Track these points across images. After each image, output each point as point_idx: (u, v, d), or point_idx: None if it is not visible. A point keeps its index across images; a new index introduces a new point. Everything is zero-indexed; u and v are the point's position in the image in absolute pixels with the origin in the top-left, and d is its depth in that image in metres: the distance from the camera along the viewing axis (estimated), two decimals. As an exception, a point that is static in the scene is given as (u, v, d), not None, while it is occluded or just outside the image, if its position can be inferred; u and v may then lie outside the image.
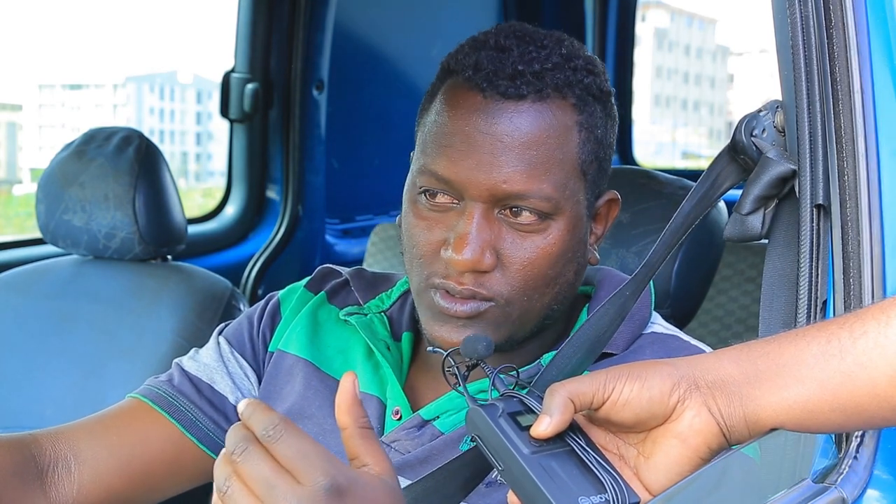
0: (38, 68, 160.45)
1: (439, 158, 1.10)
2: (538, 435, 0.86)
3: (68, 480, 1.22)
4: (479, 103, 1.09)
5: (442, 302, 1.11)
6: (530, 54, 1.10)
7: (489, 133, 1.08)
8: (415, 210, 1.14)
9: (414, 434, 1.17)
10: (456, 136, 1.09)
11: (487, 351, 0.97)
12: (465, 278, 1.10)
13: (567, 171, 1.10)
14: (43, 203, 2.03)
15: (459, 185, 1.09)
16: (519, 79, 1.08)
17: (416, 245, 1.13)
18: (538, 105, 1.09)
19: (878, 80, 1.03)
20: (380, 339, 1.24)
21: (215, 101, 2.83)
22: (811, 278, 1.02)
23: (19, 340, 2.01)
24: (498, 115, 1.08)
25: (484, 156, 1.08)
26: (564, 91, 1.10)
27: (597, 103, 1.14)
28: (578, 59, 1.13)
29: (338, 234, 3.00)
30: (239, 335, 1.33)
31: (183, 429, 1.27)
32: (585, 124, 1.12)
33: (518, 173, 1.08)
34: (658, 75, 79.58)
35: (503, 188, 1.08)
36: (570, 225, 1.12)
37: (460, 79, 1.11)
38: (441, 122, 1.11)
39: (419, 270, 1.13)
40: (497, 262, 1.10)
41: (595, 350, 1.03)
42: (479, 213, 1.09)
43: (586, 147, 1.12)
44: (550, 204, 1.09)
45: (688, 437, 0.86)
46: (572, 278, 1.15)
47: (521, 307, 1.12)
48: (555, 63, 1.11)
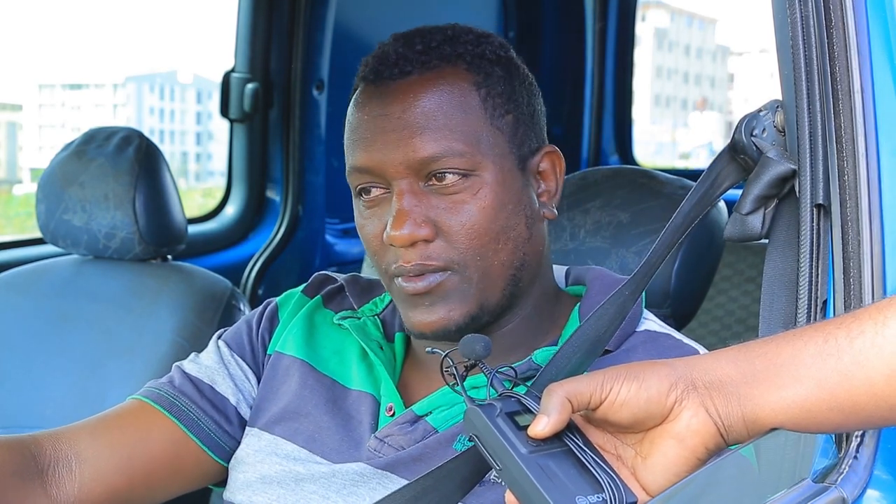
0: (38, 68, 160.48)
1: (354, 153, 1.17)
2: (536, 435, 0.87)
3: (69, 479, 1.22)
4: (372, 92, 1.17)
5: (405, 284, 1.14)
6: (412, 40, 1.17)
7: (386, 113, 1.14)
8: (359, 213, 1.19)
9: (407, 429, 1.18)
10: (361, 128, 1.16)
11: (485, 351, 0.97)
12: (410, 254, 1.13)
13: (475, 126, 1.14)
14: (43, 203, 2.03)
15: (378, 168, 1.14)
16: (402, 60, 1.16)
17: (367, 242, 1.18)
18: (427, 75, 1.15)
19: (878, 79, 1.02)
20: (373, 340, 1.26)
21: (215, 100, 2.83)
22: (811, 278, 1.02)
23: (19, 340, 2.01)
24: (390, 95, 1.15)
25: (389, 134, 1.13)
26: (453, 60, 1.16)
27: (494, 65, 1.18)
28: (467, 34, 1.19)
29: (338, 234, 3.00)
30: (238, 339, 1.34)
31: (185, 428, 1.27)
32: (484, 83, 1.16)
33: (425, 139, 1.12)
34: (658, 75, 79.57)
35: (415, 157, 1.12)
36: (498, 177, 1.14)
37: (359, 83, 1.20)
38: (350, 122, 1.19)
39: (380, 269, 1.18)
40: (436, 231, 1.13)
41: (595, 350, 1.03)
42: (406, 189, 1.13)
43: (490, 102, 1.16)
44: (466, 159, 1.13)
45: (685, 438, 0.86)
46: (525, 232, 1.17)
47: (478, 268, 1.14)
48: (439, 40, 1.17)
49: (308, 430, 1.23)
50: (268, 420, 1.26)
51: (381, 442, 1.18)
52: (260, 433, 1.26)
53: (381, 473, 1.16)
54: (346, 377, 1.26)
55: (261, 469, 1.23)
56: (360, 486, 1.16)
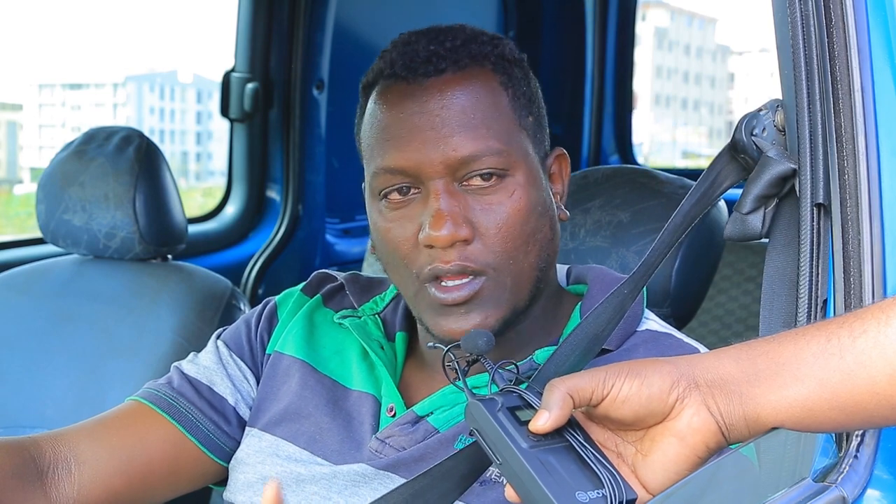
0: (38, 68, 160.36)
1: (387, 154, 1.13)
2: (536, 430, 0.87)
3: (69, 481, 1.22)
4: (405, 90, 1.14)
5: (439, 294, 1.12)
6: (438, 38, 1.16)
7: (424, 112, 1.12)
8: (381, 217, 1.15)
9: (408, 430, 1.18)
10: (395, 127, 1.13)
11: (488, 346, 0.98)
12: (450, 254, 1.11)
13: (507, 126, 1.14)
14: (43, 203, 2.03)
15: (414, 169, 1.12)
16: (434, 57, 1.14)
17: (396, 246, 1.14)
18: (460, 74, 1.14)
19: (879, 78, 1.02)
20: (373, 340, 1.25)
21: (215, 100, 2.83)
22: (811, 277, 1.02)
23: (20, 340, 2.01)
24: (426, 93, 1.13)
25: (427, 133, 1.11)
26: (480, 59, 1.15)
27: (514, 66, 1.18)
28: (483, 36, 1.19)
29: (338, 234, 3.00)
30: (237, 339, 1.34)
31: (183, 430, 1.27)
32: (509, 84, 1.16)
33: (463, 138, 1.11)
34: (658, 75, 79.56)
35: (454, 156, 1.11)
36: (529, 178, 1.14)
37: (382, 81, 1.16)
38: (378, 122, 1.15)
39: (407, 272, 1.14)
40: (473, 231, 1.12)
41: (593, 348, 1.03)
42: (443, 189, 1.12)
43: (517, 103, 1.16)
44: (503, 158, 1.12)
45: (686, 436, 0.87)
46: (549, 234, 1.17)
47: (511, 272, 1.13)
48: (463, 40, 1.16)
49: (309, 431, 1.23)
50: (268, 421, 1.26)
51: (382, 443, 1.18)
52: (260, 434, 1.26)
53: (382, 474, 1.16)
54: (346, 377, 1.26)
55: (262, 470, 1.23)
56: (362, 486, 1.16)
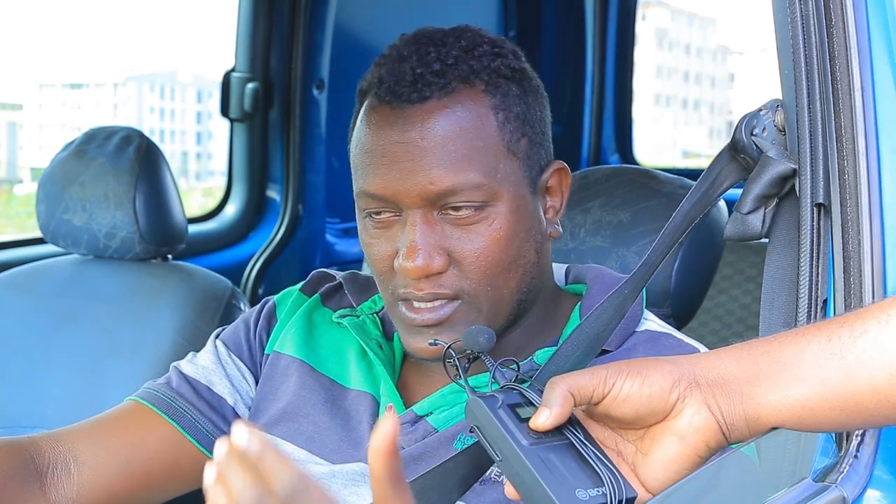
0: (38, 67, 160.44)
1: (367, 177, 1.13)
2: (537, 427, 0.87)
3: (68, 482, 1.22)
4: (388, 115, 1.12)
5: (410, 314, 1.13)
6: (429, 55, 1.12)
7: (404, 141, 1.10)
8: (365, 231, 1.16)
9: (407, 430, 1.18)
10: (376, 153, 1.12)
11: (489, 343, 0.98)
12: (422, 284, 1.11)
13: (493, 156, 1.12)
14: (43, 202, 2.03)
15: (392, 197, 1.11)
16: (419, 81, 1.11)
17: (374, 263, 1.15)
18: (445, 100, 1.11)
19: (879, 78, 1.03)
20: (372, 339, 1.25)
21: (215, 100, 2.83)
22: (811, 277, 1.02)
23: (20, 340, 2.01)
24: (408, 121, 1.11)
25: (405, 164, 1.10)
26: (470, 79, 1.12)
27: (510, 82, 1.15)
28: (482, 45, 1.15)
29: (338, 234, 3.00)
30: (236, 338, 1.33)
31: (182, 430, 1.27)
32: (501, 106, 1.13)
33: (442, 171, 1.09)
34: (658, 74, 79.54)
35: (431, 189, 1.10)
36: (512, 206, 1.13)
37: (370, 97, 1.15)
38: (361, 143, 1.14)
39: (383, 287, 1.16)
40: (449, 260, 1.11)
41: (594, 348, 1.03)
42: (420, 219, 1.11)
43: (507, 127, 1.13)
44: (483, 191, 1.11)
45: (687, 435, 0.87)
46: (534, 257, 1.16)
47: (487, 298, 1.13)
48: (455, 56, 1.13)
49: (307, 430, 1.23)
50: (267, 421, 1.26)
51: (381, 442, 1.18)
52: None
53: (381, 473, 1.16)
54: (344, 377, 1.26)
55: (261, 468, 1.23)
56: (361, 485, 1.16)
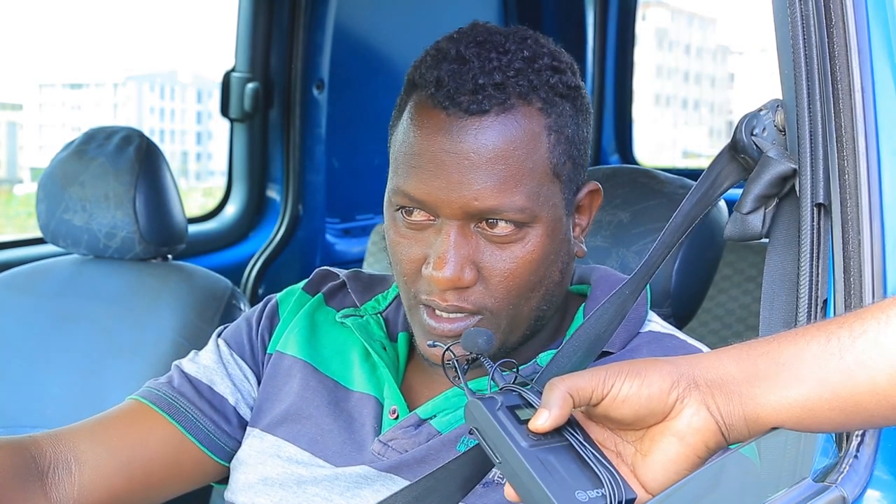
0: (38, 67, 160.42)
1: (410, 179, 1.10)
2: (536, 429, 0.87)
3: (69, 481, 1.22)
4: (443, 122, 1.09)
5: (430, 321, 1.12)
6: (491, 63, 1.09)
7: (455, 152, 1.08)
8: (394, 227, 1.14)
9: (411, 433, 1.17)
10: (424, 157, 1.09)
11: (488, 345, 0.97)
12: (448, 295, 1.10)
13: (539, 179, 1.10)
14: (43, 202, 2.03)
15: (432, 204, 1.09)
16: (480, 93, 1.08)
17: (400, 263, 1.14)
18: (502, 117, 1.08)
19: (879, 78, 1.02)
20: (376, 340, 1.24)
21: (216, 100, 2.83)
22: (812, 277, 1.02)
23: (20, 340, 2.01)
24: (462, 132, 1.08)
25: (453, 175, 1.08)
26: (529, 97, 1.10)
27: (565, 101, 1.13)
28: (543, 57, 1.12)
29: (338, 234, 3.00)
30: (238, 337, 1.33)
31: (183, 430, 1.27)
32: (554, 127, 1.11)
33: (488, 189, 1.08)
34: (658, 74, 79.51)
35: (475, 205, 1.08)
36: (548, 230, 1.11)
37: (424, 95, 1.11)
38: (408, 142, 1.11)
39: (405, 288, 1.15)
40: (478, 275, 1.10)
41: (594, 349, 1.03)
42: (456, 230, 1.09)
43: (557, 149, 1.11)
44: (525, 214, 1.09)
45: (686, 436, 0.86)
46: (558, 277, 1.16)
47: (508, 315, 1.13)
48: (517, 69, 1.10)
49: (310, 432, 1.22)
50: (269, 421, 1.26)
51: (384, 445, 1.18)
52: (262, 434, 1.26)
53: (384, 475, 1.16)
54: (348, 378, 1.25)
55: (262, 471, 1.23)
56: (364, 487, 1.16)
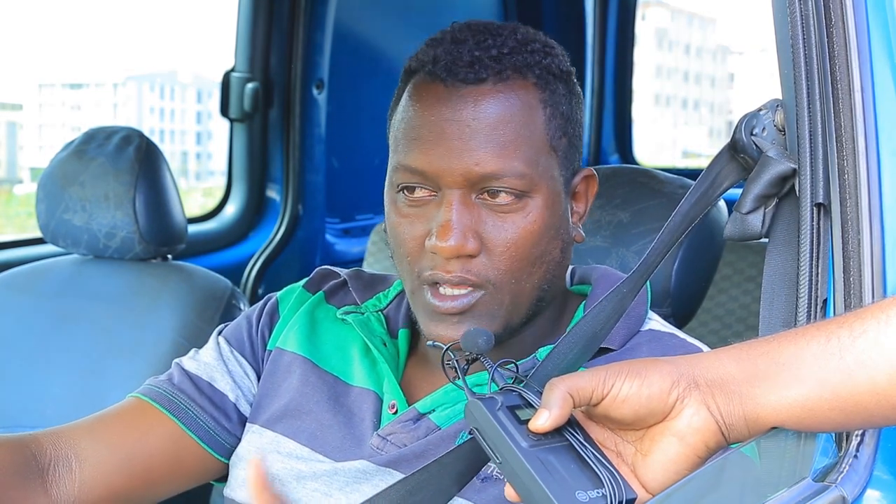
0: (38, 67, 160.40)
1: (411, 152, 1.12)
2: (536, 429, 0.87)
3: (69, 479, 1.22)
4: (441, 92, 1.12)
5: (434, 301, 1.12)
6: (486, 42, 1.13)
7: (455, 120, 1.11)
8: (396, 210, 1.15)
9: (410, 427, 1.18)
10: (424, 128, 1.12)
11: (487, 345, 0.98)
12: (452, 265, 1.11)
13: (537, 148, 1.12)
14: (43, 202, 2.03)
15: (434, 174, 1.11)
16: (477, 64, 1.11)
17: (402, 242, 1.15)
18: (500, 86, 1.12)
19: (879, 78, 1.02)
20: (376, 336, 1.25)
21: (215, 100, 2.83)
22: (811, 277, 1.02)
23: (20, 340, 2.01)
24: (461, 101, 1.11)
25: (453, 142, 1.10)
26: (524, 71, 1.13)
27: (558, 81, 1.16)
28: (535, 42, 1.16)
29: (338, 234, 3.00)
30: (238, 335, 1.34)
31: (184, 426, 1.27)
32: (549, 101, 1.14)
33: (488, 154, 1.10)
34: (658, 74, 79.53)
35: (476, 171, 1.10)
36: (548, 201, 1.13)
37: (422, 74, 1.15)
38: (408, 118, 1.14)
39: (409, 269, 1.15)
40: (481, 245, 1.11)
41: (592, 346, 1.03)
42: (458, 200, 1.11)
43: (552, 123, 1.14)
44: (524, 181, 1.11)
45: (686, 436, 0.87)
46: (559, 256, 1.17)
47: (510, 290, 1.13)
48: (511, 47, 1.14)
49: (310, 427, 1.23)
50: (269, 417, 1.26)
51: (383, 440, 1.18)
52: (261, 430, 1.26)
53: (383, 470, 1.16)
54: (347, 374, 1.26)
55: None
56: (363, 482, 1.16)
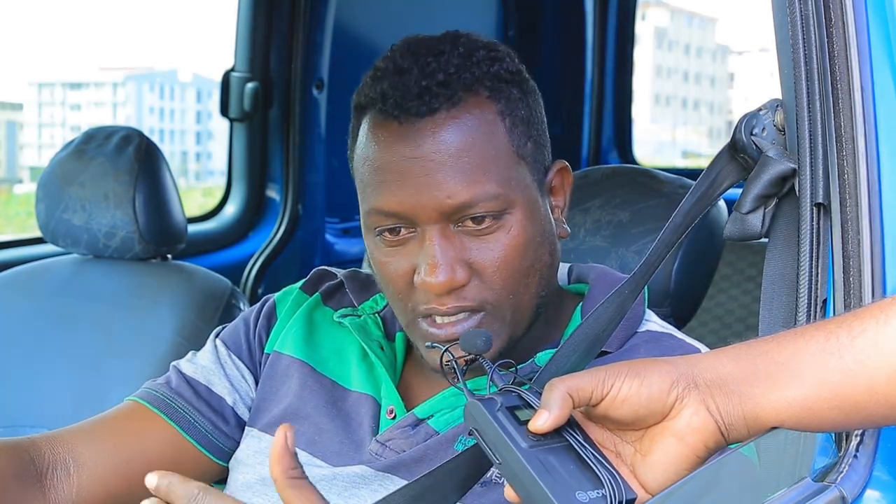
0: (38, 67, 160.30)
1: (380, 196, 1.11)
2: (536, 429, 0.87)
3: (67, 483, 1.22)
4: (397, 130, 1.10)
5: (433, 331, 1.11)
6: (430, 66, 1.10)
7: (416, 157, 1.09)
8: (378, 250, 1.14)
9: (408, 433, 1.17)
10: (387, 170, 1.10)
11: (486, 346, 0.97)
12: (446, 299, 1.10)
13: (505, 164, 1.11)
14: (43, 202, 2.03)
15: (407, 214, 1.10)
16: (426, 94, 1.09)
17: (391, 282, 1.14)
18: (454, 111, 1.09)
19: (878, 78, 1.02)
20: (373, 340, 1.25)
21: (215, 100, 2.83)
22: (811, 277, 1.02)
23: (19, 339, 2.01)
24: (419, 136, 1.09)
25: (419, 179, 1.08)
26: (475, 87, 1.11)
27: (511, 86, 1.14)
28: (478, 50, 1.14)
29: (338, 234, 3.00)
30: (235, 338, 1.33)
31: (181, 431, 1.27)
32: (506, 111, 1.12)
33: (458, 184, 1.08)
34: (658, 74, 79.53)
35: (449, 203, 1.08)
36: (527, 211, 1.12)
37: (373, 112, 1.12)
38: (370, 160, 1.12)
39: (401, 305, 1.14)
40: (470, 272, 1.10)
41: (593, 349, 1.03)
42: (438, 234, 1.09)
43: (515, 132, 1.12)
44: (499, 201, 1.10)
45: (686, 436, 0.86)
46: (549, 260, 1.16)
47: (511, 305, 1.13)
48: (456, 65, 1.11)
49: (308, 432, 1.22)
50: (268, 421, 1.26)
51: (382, 445, 1.18)
52: (260, 434, 1.26)
53: (381, 475, 1.16)
54: (345, 378, 1.25)
55: (261, 471, 1.23)
56: (362, 487, 1.16)
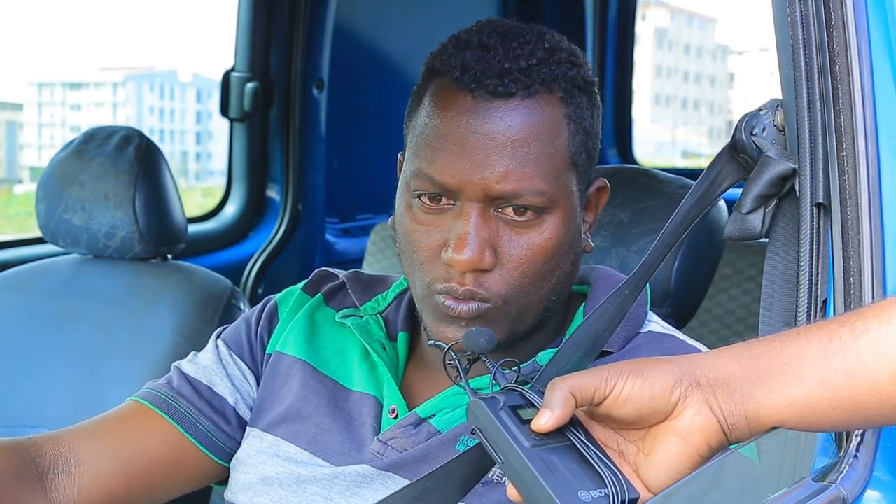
0: (38, 67, 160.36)
1: (433, 162, 1.10)
2: (539, 429, 0.87)
3: (69, 483, 1.22)
4: (469, 104, 1.10)
5: (447, 302, 1.11)
6: (515, 51, 1.11)
7: (481, 133, 1.09)
8: (410, 214, 1.14)
9: (410, 432, 1.17)
10: (448, 139, 1.10)
11: (489, 345, 0.97)
12: (466, 278, 1.10)
13: (558, 165, 1.11)
14: (43, 202, 2.03)
15: (455, 187, 1.10)
16: (506, 77, 1.09)
17: (416, 250, 1.13)
18: (527, 101, 1.10)
19: (879, 78, 1.02)
20: (375, 340, 1.25)
21: (215, 100, 2.84)
22: (811, 277, 1.02)
23: (19, 339, 2.01)
24: (488, 114, 1.09)
25: (477, 156, 1.08)
26: (551, 85, 1.11)
27: (582, 94, 1.15)
28: (562, 51, 1.14)
29: (338, 234, 3.00)
30: (237, 338, 1.33)
31: (183, 430, 1.27)
32: (573, 116, 1.13)
33: (511, 171, 1.08)
34: (658, 74, 79.51)
35: (497, 188, 1.09)
36: (565, 218, 1.13)
37: (448, 80, 1.12)
38: (432, 125, 1.12)
39: (421, 276, 1.14)
40: (496, 260, 1.10)
41: (594, 349, 1.03)
42: (477, 213, 1.10)
43: (576, 139, 1.13)
44: (544, 198, 1.10)
45: (688, 435, 0.87)
46: (569, 269, 1.16)
47: (518, 304, 1.13)
48: (539, 58, 1.11)
49: (310, 432, 1.23)
50: (269, 421, 1.26)
51: (384, 445, 1.18)
52: (262, 434, 1.26)
53: (384, 474, 1.16)
54: (347, 378, 1.25)
55: (262, 470, 1.23)
56: (364, 486, 1.16)
